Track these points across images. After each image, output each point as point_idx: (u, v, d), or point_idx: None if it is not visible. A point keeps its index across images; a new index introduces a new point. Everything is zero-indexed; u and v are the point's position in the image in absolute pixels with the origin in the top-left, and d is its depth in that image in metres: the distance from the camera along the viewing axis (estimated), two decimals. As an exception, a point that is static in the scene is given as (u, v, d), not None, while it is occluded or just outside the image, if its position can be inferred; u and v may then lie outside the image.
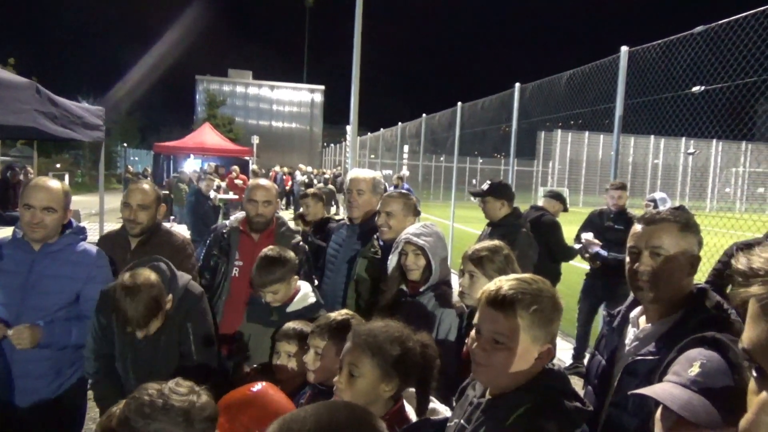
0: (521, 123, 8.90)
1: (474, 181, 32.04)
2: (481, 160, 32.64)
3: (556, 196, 5.59)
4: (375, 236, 3.34)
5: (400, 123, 17.87)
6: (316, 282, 3.63)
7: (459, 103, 11.50)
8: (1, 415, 2.59)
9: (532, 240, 4.16)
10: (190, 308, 2.57)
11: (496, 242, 2.53)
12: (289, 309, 2.75)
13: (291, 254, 2.82)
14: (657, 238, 1.68)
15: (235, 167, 17.19)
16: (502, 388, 1.47)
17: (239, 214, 3.61)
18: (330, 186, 19.58)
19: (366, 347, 1.72)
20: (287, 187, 23.06)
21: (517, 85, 8.76)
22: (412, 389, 1.85)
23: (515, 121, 8.82)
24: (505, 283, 1.48)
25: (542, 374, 1.47)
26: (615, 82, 5.92)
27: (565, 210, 5.61)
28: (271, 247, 2.86)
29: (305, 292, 2.86)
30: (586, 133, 33.41)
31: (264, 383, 2.04)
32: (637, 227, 1.76)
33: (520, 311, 1.43)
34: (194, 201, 8.94)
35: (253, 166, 20.32)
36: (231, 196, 14.78)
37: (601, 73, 6.64)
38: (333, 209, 18.54)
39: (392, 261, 2.83)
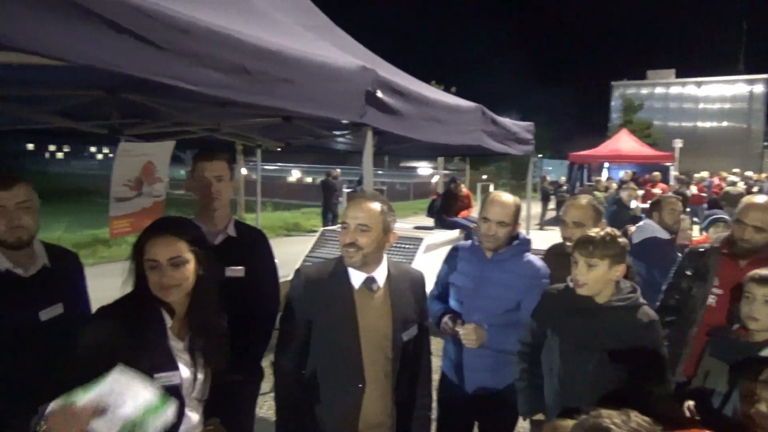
0: None
1: None
2: None
3: None
4: None
5: None
6: None
7: None
8: (453, 397, 2.94)
9: None
10: None
11: None
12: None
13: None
14: None
15: (656, 173, 16.02)
16: None
17: (721, 231, 3.19)
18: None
19: None
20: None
21: None
22: None
23: None
24: None
25: None
26: None
27: None
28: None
29: None
30: None
31: None
32: None
33: None
34: (615, 210, 8.64)
35: (674, 173, 18.60)
36: (652, 205, 13.81)
37: None
38: None
39: None
